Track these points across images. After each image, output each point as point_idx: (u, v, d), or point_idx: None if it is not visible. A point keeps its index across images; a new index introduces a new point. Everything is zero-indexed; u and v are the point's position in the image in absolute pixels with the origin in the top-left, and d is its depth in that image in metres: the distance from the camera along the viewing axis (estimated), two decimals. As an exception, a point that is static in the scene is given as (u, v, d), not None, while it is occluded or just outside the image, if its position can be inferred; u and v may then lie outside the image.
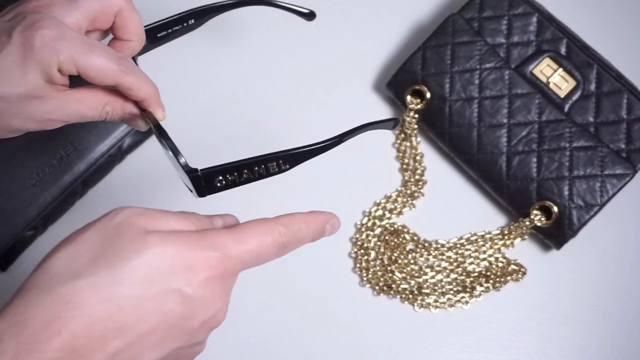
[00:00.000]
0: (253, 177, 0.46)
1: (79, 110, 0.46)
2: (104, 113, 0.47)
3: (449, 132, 0.66)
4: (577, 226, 0.63)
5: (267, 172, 0.46)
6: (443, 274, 0.65)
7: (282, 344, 0.63)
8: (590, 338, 0.63)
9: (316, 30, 0.72)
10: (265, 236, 0.40)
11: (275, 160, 0.46)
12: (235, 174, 0.45)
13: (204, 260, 0.37)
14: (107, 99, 0.47)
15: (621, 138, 0.65)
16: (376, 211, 0.67)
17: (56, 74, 0.44)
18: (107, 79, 0.45)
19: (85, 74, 0.44)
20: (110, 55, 0.45)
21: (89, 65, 0.44)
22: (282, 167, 0.46)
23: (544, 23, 0.68)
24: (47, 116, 0.45)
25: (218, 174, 0.44)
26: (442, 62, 0.67)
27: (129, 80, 0.46)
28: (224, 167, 0.44)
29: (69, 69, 0.44)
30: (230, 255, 0.38)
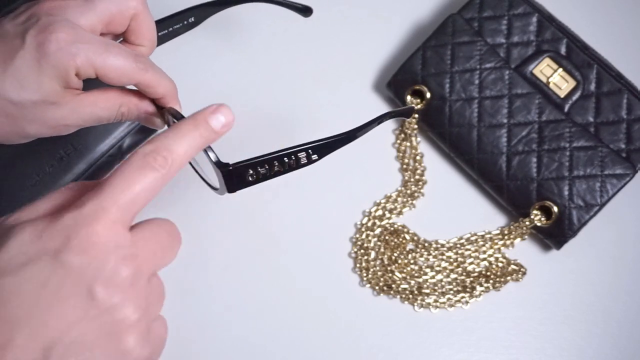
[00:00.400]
0: (284, 170, 0.45)
1: (94, 113, 0.45)
2: (120, 114, 0.46)
3: (449, 132, 0.66)
4: (577, 226, 0.63)
5: (297, 163, 0.45)
6: (443, 274, 0.65)
7: (282, 344, 0.63)
8: (590, 338, 0.63)
9: (316, 30, 0.72)
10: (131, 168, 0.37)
11: (305, 151, 0.45)
12: (266, 166, 0.44)
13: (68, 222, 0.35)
14: (122, 100, 0.46)
15: (621, 138, 0.65)
16: (376, 211, 0.67)
17: (73, 78, 0.43)
18: (126, 78, 0.44)
19: (104, 75, 0.43)
20: (127, 53, 0.44)
21: (107, 66, 0.43)
22: (311, 158, 0.46)
23: (544, 23, 0.68)
24: (62, 122, 0.44)
25: (250, 168, 0.43)
26: (442, 62, 0.67)
27: (148, 77, 0.45)
28: (256, 161, 0.43)
29: (87, 71, 0.43)
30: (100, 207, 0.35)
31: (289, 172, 0.45)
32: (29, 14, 0.43)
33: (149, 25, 0.48)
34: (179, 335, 0.63)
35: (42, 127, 0.44)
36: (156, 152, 0.37)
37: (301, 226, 0.66)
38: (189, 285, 0.64)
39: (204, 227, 0.66)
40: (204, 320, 0.63)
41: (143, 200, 0.36)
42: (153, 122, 0.48)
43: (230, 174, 0.43)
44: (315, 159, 0.46)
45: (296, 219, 0.66)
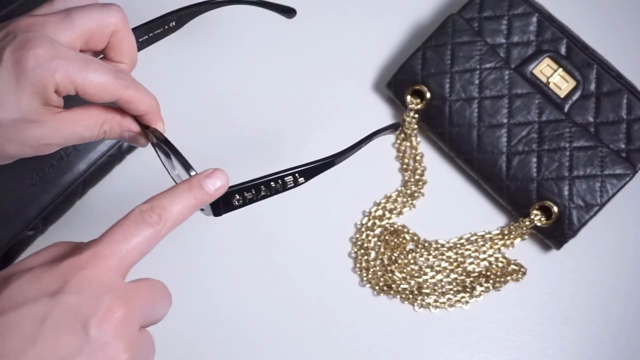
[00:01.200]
0: (270, 193, 0.46)
1: (76, 132, 0.44)
2: (102, 132, 0.45)
3: (449, 132, 0.66)
4: (577, 226, 0.63)
5: (284, 187, 0.46)
6: (443, 274, 0.65)
7: (282, 344, 0.63)
8: (590, 338, 0.63)
9: (316, 30, 0.72)
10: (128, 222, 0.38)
11: (292, 175, 0.46)
12: (253, 191, 0.44)
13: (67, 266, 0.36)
14: (105, 117, 0.45)
15: (621, 138, 0.65)
16: (376, 211, 0.67)
17: (53, 95, 0.42)
18: (107, 94, 0.43)
19: (84, 91, 0.42)
20: (107, 69, 0.43)
21: (87, 82, 0.42)
22: (298, 181, 0.46)
23: (544, 23, 0.68)
24: (43, 141, 0.43)
25: (236, 193, 0.44)
26: (442, 62, 0.67)
27: (130, 93, 0.44)
28: (242, 187, 0.44)
29: (67, 88, 0.42)
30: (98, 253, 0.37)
31: (276, 195, 0.46)
32: (6, 32, 0.42)
33: (130, 42, 0.47)
34: (179, 336, 0.63)
35: (23, 147, 0.43)
36: (152, 210, 0.39)
37: (301, 226, 0.66)
38: (189, 286, 0.64)
39: (204, 227, 0.66)
40: (204, 321, 0.63)
41: (138, 253, 0.38)
42: (137, 140, 0.47)
43: (216, 200, 0.43)
44: (302, 182, 0.47)
45: (296, 219, 0.66)
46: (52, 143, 0.44)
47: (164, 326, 0.63)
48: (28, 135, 0.43)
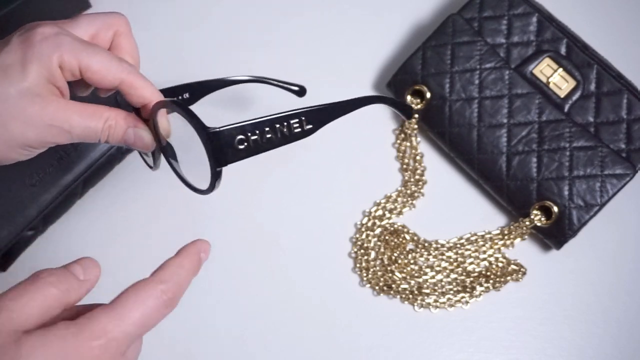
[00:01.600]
0: (276, 138, 0.42)
1: (82, 122, 0.44)
2: (107, 127, 0.45)
3: (449, 132, 0.66)
4: (577, 226, 0.63)
5: (290, 131, 0.42)
6: (443, 274, 0.65)
7: (282, 344, 0.63)
8: (590, 338, 0.63)
9: (316, 29, 0.72)
10: (147, 301, 0.37)
11: (298, 117, 0.43)
12: (257, 131, 0.41)
13: (86, 350, 0.34)
14: (110, 112, 0.45)
15: (621, 138, 0.65)
16: (376, 211, 0.67)
17: (57, 70, 0.42)
18: (110, 74, 0.43)
19: (87, 68, 0.43)
20: (111, 53, 0.44)
21: (91, 60, 0.43)
22: (304, 127, 0.43)
23: (544, 23, 0.68)
24: (48, 120, 0.43)
25: (238, 132, 0.41)
26: (442, 62, 0.67)
27: (133, 77, 0.44)
28: (245, 124, 0.41)
29: (71, 64, 0.43)
30: (114, 337, 0.35)
31: (283, 144, 0.42)
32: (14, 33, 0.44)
33: (132, 44, 0.48)
34: (179, 335, 0.63)
35: (27, 127, 0.43)
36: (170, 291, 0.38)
37: (301, 226, 0.66)
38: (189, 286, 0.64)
39: (204, 227, 0.66)
40: (203, 321, 0.63)
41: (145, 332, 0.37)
42: (141, 137, 0.47)
43: (217, 139, 0.40)
44: (310, 129, 0.43)
45: (296, 219, 0.66)
46: (56, 125, 0.43)
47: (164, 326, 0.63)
48: (33, 112, 0.42)
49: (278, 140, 0.42)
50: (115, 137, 0.45)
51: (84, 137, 0.45)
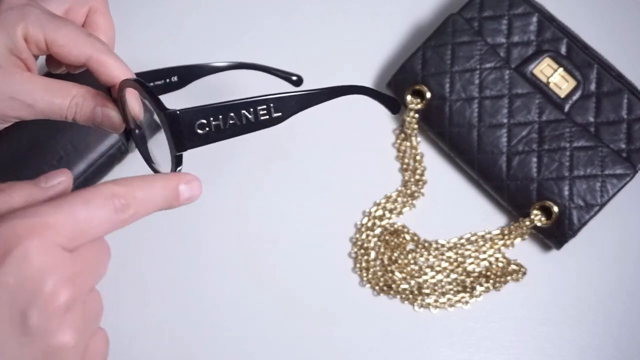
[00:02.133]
0: (241, 124, 0.39)
1: (47, 97, 0.42)
2: (74, 104, 0.43)
3: (449, 132, 0.66)
4: (578, 226, 0.63)
5: (257, 118, 0.39)
6: (443, 274, 0.65)
7: (282, 344, 0.63)
8: (590, 338, 0.63)
9: (316, 29, 0.72)
10: (95, 199, 0.34)
11: (265, 103, 0.39)
12: (220, 117, 0.38)
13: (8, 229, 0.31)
14: (78, 90, 0.43)
15: (621, 138, 0.64)
16: (376, 211, 0.67)
17: (21, 41, 0.41)
18: (77, 49, 0.41)
19: (54, 41, 0.41)
20: (81, 29, 0.42)
21: (58, 33, 0.41)
22: (272, 114, 0.40)
23: (544, 23, 0.67)
24: (9, 93, 0.41)
25: (199, 116, 0.38)
26: (442, 62, 0.67)
27: (102, 54, 0.42)
28: (207, 107, 0.38)
29: (36, 36, 0.41)
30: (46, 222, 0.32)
31: (247, 131, 0.39)
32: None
33: (107, 22, 0.46)
34: (179, 334, 0.63)
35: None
36: (125, 197, 0.35)
37: (301, 226, 0.66)
38: (188, 285, 0.64)
39: (204, 227, 0.66)
40: (202, 321, 0.63)
41: (91, 236, 0.34)
42: (110, 116, 0.43)
43: (176, 121, 0.37)
44: (278, 117, 0.40)
45: (296, 219, 0.66)
46: (18, 98, 0.41)
47: (164, 325, 0.63)
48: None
49: (242, 126, 0.39)
50: (83, 115, 0.43)
51: (49, 114, 0.43)
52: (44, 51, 0.42)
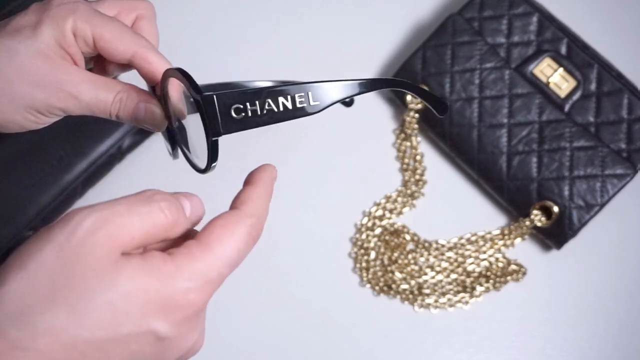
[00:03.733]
0: (278, 111, 0.38)
1: (92, 90, 0.42)
2: (118, 99, 0.43)
3: (450, 132, 0.66)
4: (578, 226, 0.63)
5: (294, 105, 0.39)
6: (443, 274, 0.65)
7: (282, 344, 0.63)
8: (591, 338, 0.63)
9: (316, 30, 0.72)
10: (242, 239, 0.35)
11: (304, 90, 0.38)
12: (256, 102, 0.38)
13: (182, 294, 0.32)
14: (122, 85, 0.43)
15: (622, 138, 0.64)
16: (376, 211, 0.67)
17: (70, 35, 0.42)
18: (123, 45, 0.42)
19: (100, 36, 0.42)
20: (126, 26, 0.43)
21: (105, 27, 0.42)
22: (310, 102, 0.39)
23: (545, 23, 0.67)
24: (56, 83, 0.41)
25: (236, 100, 0.37)
26: (442, 62, 0.67)
27: (146, 51, 0.43)
28: (243, 92, 0.37)
29: (84, 31, 0.42)
30: (210, 280, 0.34)
31: (284, 119, 0.39)
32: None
33: (153, 31, 0.47)
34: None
35: (34, 87, 0.41)
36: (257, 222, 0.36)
37: (301, 226, 0.66)
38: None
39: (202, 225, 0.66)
40: (204, 321, 0.63)
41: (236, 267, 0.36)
42: (152, 112, 0.44)
43: (212, 104, 0.37)
44: (316, 106, 0.39)
45: (296, 219, 0.66)
46: (64, 89, 0.42)
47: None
48: (41, 72, 0.41)
49: (279, 113, 0.38)
50: (126, 111, 0.43)
51: (93, 107, 0.43)
52: (91, 47, 0.43)
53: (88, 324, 0.30)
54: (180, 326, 0.33)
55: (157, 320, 0.32)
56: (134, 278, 0.31)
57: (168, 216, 0.34)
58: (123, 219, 0.33)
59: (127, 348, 0.32)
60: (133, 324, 0.31)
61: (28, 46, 0.41)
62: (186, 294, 0.33)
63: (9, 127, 0.44)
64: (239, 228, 0.35)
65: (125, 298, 0.31)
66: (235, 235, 0.35)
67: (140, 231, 0.33)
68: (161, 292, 0.32)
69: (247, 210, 0.36)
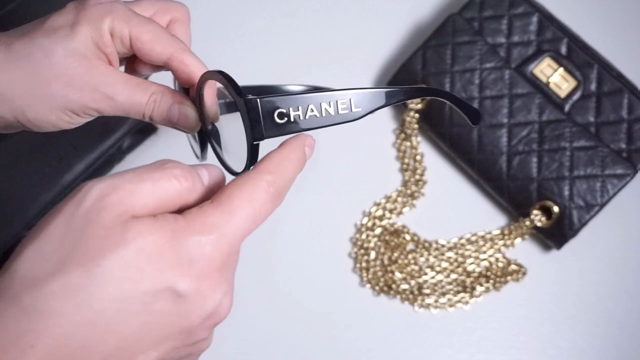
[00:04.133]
0: (320, 117, 0.38)
1: (126, 90, 0.42)
2: (152, 101, 0.43)
3: (449, 132, 0.66)
4: (578, 226, 0.63)
5: (337, 111, 0.39)
6: (443, 274, 0.65)
7: (282, 344, 0.63)
8: (591, 338, 0.63)
9: (316, 30, 0.72)
10: (257, 194, 0.34)
11: (346, 97, 0.38)
12: (299, 107, 0.38)
13: (195, 247, 0.32)
14: (156, 88, 0.43)
15: (622, 138, 0.64)
16: (376, 211, 0.67)
17: (107, 34, 0.42)
18: (160, 46, 0.42)
19: (138, 37, 0.42)
20: (163, 28, 0.43)
21: (142, 28, 0.42)
22: (352, 109, 0.39)
23: (545, 23, 0.67)
24: (92, 84, 0.41)
25: (279, 105, 0.37)
26: (442, 62, 0.67)
27: (183, 53, 0.43)
28: (286, 97, 0.37)
29: (121, 31, 0.42)
30: (225, 232, 0.33)
31: (327, 124, 0.39)
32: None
33: (186, 34, 0.47)
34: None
35: (70, 88, 0.41)
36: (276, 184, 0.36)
37: (301, 226, 0.66)
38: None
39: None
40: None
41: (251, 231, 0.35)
42: (186, 114, 0.44)
43: (256, 109, 0.37)
44: (358, 113, 0.39)
45: (296, 219, 0.66)
46: (100, 90, 0.42)
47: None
48: (78, 72, 0.41)
49: (321, 119, 0.39)
50: (160, 112, 0.43)
51: (128, 108, 0.43)
52: (127, 48, 0.43)
53: (101, 283, 0.30)
54: (199, 282, 0.32)
55: (174, 275, 0.31)
56: (144, 235, 0.31)
57: (182, 183, 0.33)
58: (133, 185, 0.32)
59: (147, 307, 0.31)
60: (149, 280, 0.31)
61: (65, 46, 0.41)
62: (200, 247, 0.32)
63: (42, 127, 0.44)
64: (253, 184, 0.34)
65: (137, 254, 0.31)
66: (249, 191, 0.34)
67: (151, 197, 0.32)
68: (174, 247, 0.31)
69: (263, 167, 0.35)
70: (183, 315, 0.32)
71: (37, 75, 0.41)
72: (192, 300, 0.32)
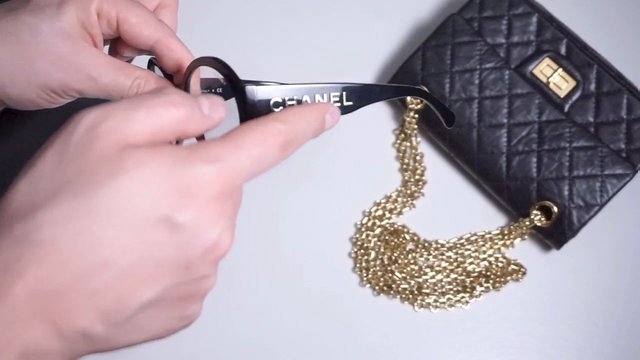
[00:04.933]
0: None
1: (111, 73, 0.42)
2: (136, 85, 0.43)
3: (449, 132, 0.66)
4: (577, 226, 0.63)
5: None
6: (443, 274, 0.65)
7: (282, 344, 0.63)
8: (590, 338, 0.63)
9: (315, 30, 0.72)
10: (266, 137, 0.33)
11: (338, 90, 0.40)
12: (294, 97, 0.38)
13: (197, 177, 0.30)
14: (140, 72, 0.43)
15: (621, 138, 0.64)
16: (376, 211, 0.67)
17: (93, 15, 0.42)
18: (147, 30, 0.42)
19: (125, 19, 0.42)
20: (152, 13, 0.43)
21: (131, 12, 0.42)
22: (344, 102, 0.40)
23: (544, 23, 0.68)
24: (75, 64, 0.41)
25: (275, 94, 0.38)
26: (442, 62, 0.67)
27: (170, 38, 0.43)
28: (283, 88, 0.38)
29: (109, 12, 0.42)
30: (229, 164, 0.32)
31: None
32: None
33: (173, 19, 0.47)
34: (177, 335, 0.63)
35: (54, 67, 0.41)
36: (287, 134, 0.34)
37: (301, 226, 0.66)
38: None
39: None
40: (201, 320, 0.63)
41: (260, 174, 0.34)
42: None
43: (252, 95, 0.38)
44: (349, 107, 0.40)
45: (296, 219, 0.66)
46: (83, 71, 0.42)
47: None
48: (62, 52, 0.41)
49: None
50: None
51: (110, 91, 0.43)
52: (113, 29, 0.43)
53: (93, 212, 0.29)
54: (197, 213, 0.31)
55: (170, 205, 0.30)
56: (141, 163, 0.30)
57: (180, 109, 0.32)
58: (127, 112, 0.31)
59: (144, 239, 0.30)
60: (143, 209, 0.30)
61: (51, 25, 0.41)
62: (201, 176, 0.31)
63: (23, 104, 0.43)
64: (265, 126, 0.34)
65: (131, 182, 0.30)
66: (259, 132, 0.33)
67: (147, 124, 0.31)
68: (172, 176, 0.30)
69: (277, 116, 0.35)
70: (180, 247, 0.31)
71: (22, 53, 0.41)
72: (190, 232, 0.31)
